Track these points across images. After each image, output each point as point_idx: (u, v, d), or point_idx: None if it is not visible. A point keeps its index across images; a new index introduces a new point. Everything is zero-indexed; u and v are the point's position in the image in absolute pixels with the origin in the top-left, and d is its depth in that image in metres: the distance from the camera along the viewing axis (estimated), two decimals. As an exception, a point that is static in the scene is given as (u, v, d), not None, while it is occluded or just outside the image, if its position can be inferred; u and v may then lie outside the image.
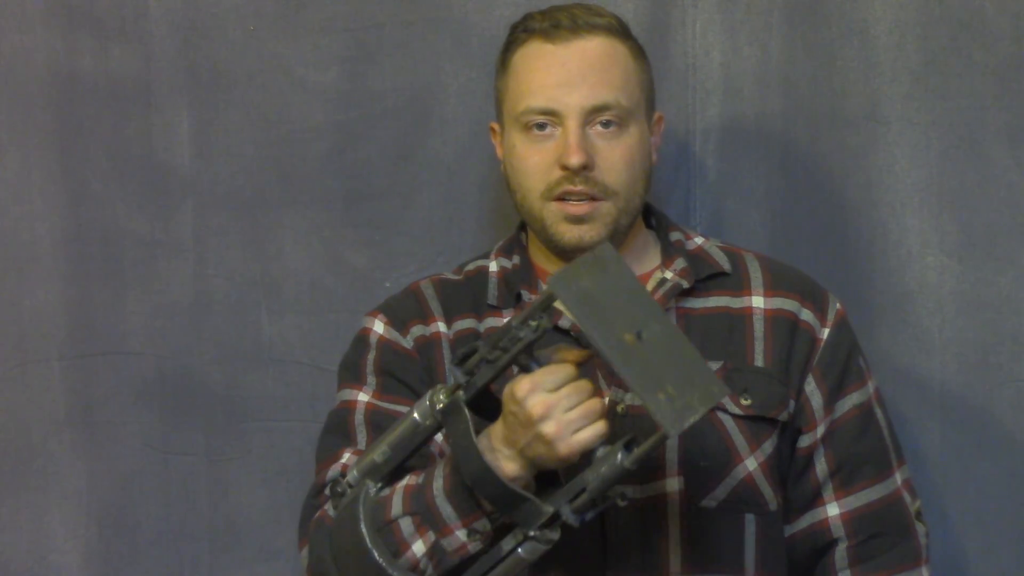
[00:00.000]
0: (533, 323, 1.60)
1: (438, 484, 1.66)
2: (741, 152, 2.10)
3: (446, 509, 1.65)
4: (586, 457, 1.60)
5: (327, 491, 1.76)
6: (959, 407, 2.06)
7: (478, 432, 1.64)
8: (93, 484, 2.17)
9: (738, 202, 2.10)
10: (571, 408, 1.59)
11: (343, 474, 1.75)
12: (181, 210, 2.16)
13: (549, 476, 1.65)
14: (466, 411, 1.63)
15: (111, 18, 2.15)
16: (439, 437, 1.71)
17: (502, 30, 1.90)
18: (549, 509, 1.60)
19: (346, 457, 1.80)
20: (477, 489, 1.63)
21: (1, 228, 2.17)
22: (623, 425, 1.77)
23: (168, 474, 2.16)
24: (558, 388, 1.60)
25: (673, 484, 1.77)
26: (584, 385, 1.61)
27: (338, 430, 1.84)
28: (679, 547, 1.77)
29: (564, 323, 1.81)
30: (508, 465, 1.62)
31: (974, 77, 2.05)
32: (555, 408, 1.59)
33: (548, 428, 1.59)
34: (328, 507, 1.75)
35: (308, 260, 2.15)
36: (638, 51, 1.86)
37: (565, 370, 1.61)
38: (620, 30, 1.84)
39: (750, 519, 1.80)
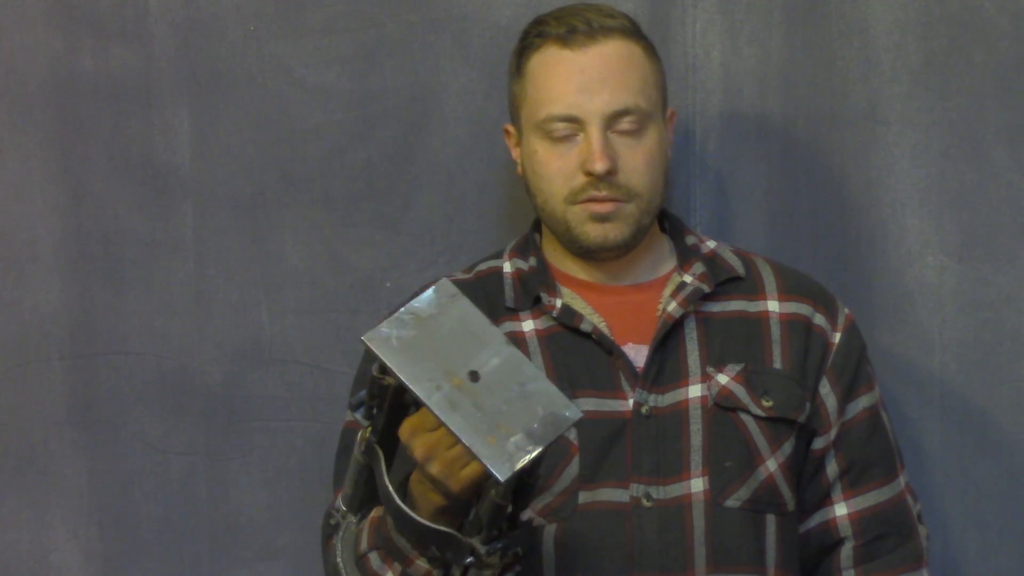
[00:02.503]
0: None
1: (390, 518, 1.66)
2: (741, 152, 2.10)
3: (400, 542, 1.65)
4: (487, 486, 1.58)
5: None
6: (959, 407, 2.06)
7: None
8: (93, 483, 2.17)
9: (738, 202, 2.10)
10: (453, 444, 1.56)
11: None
12: (181, 210, 2.16)
13: None
14: (379, 452, 1.62)
15: (111, 18, 2.15)
16: None
17: (502, 30, 1.90)
18: (468, 542, 1.59)
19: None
20: (397, 530, 1.62)
21: (1, 228, 2.17)
22: (648, 427, 1.78)
23: (168, 474, 2.16)
24: (440, 426, 1.56)
25: (698, 484, 1.78)
26: None
27: (348, 452, 1.83)
28: (704, 547, 1.77)
29: (586, 327, 1.82)
30: (433, 497, 1.60)
31: (974, 77, 2.05)
32: (436, 447, 1.57)
33: (434, 468, 1.57)
34: (335, 536, 1.76)
35: (308, 260, 2.15)
36: (651, 50, 1.87)
37: None
38: (634, 30, 1.85)
39: (771, 519, 1.81)
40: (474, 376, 1.55)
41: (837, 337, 1.87)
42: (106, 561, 2.17)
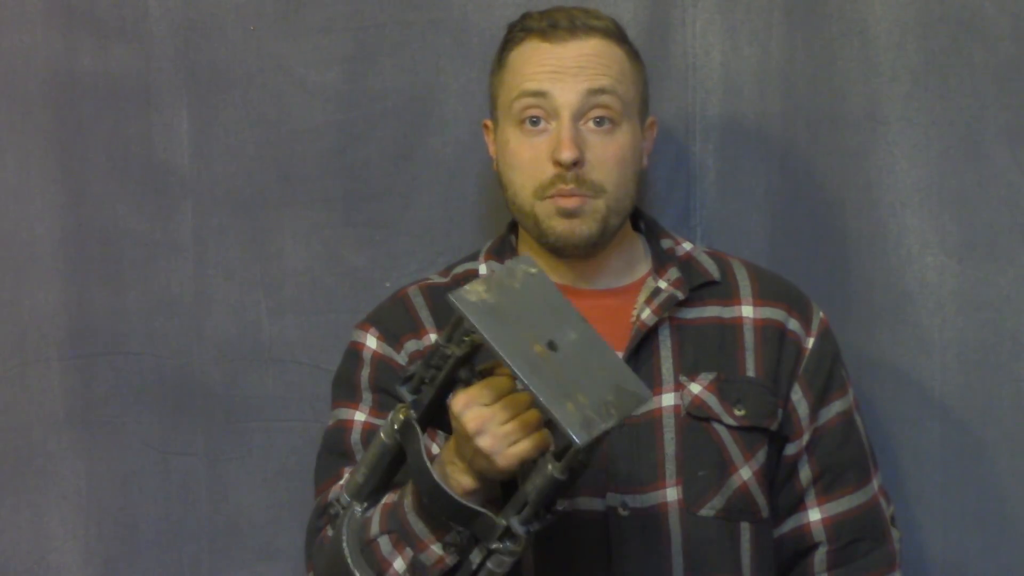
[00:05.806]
0: (467, 338, 1.60)
1: (408, 501, 1.67)
2: (741, 152, 2.10)
3: (418, 525, 1.66)
4: (530, 467, 1.60)
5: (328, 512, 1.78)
6: (959, 407, 2.06)
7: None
8: (92, 484, 2.17)
9: (738, 202, 2.10)
10: (506, 421, 1.59)
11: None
12: (181, 210, 2.16)
13: (514, 487, 1.65)
14: (417, 428, 1.64)
15: (111, 18, 2.15)
16: None
17: (502, 30, 1.90)
18: (502, 522, 1.60)
19: (346, 477, 1.80)
20: (432, 506, 1.63)
21: (1, 228, 2.17)
22: (622, 436, 1.79)
23: (168, 474, 2.16)
24: (494, 401, 1.60)
25: (672, 494, 1.78)
26: (520, 398, 1.60)
27: (336, 449, 1.85)
28: (680, 555, 1.78)
29: None
30: (463, 479, 1.63)
31: (974, 77, 2.05)
32: (490, 422, 1.59)
33: (484, 442, 1.59)
34: (328, 528, 1.77)
35: (308, 260, 2.15)
36: (634, 55, 1.87)
37: (500, 383, 1.61)
38: (617, 33, 1.85)
39: (745, 527, 1.81)
40: (552, 346, 1.57)
41: (811, 343, 1.87)
42: (105, 561, 2.17)
